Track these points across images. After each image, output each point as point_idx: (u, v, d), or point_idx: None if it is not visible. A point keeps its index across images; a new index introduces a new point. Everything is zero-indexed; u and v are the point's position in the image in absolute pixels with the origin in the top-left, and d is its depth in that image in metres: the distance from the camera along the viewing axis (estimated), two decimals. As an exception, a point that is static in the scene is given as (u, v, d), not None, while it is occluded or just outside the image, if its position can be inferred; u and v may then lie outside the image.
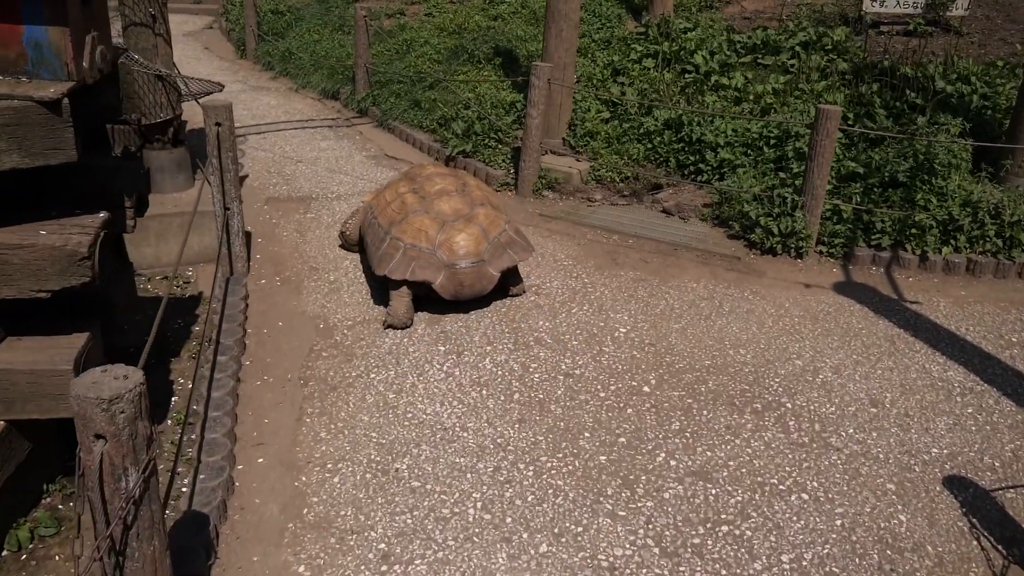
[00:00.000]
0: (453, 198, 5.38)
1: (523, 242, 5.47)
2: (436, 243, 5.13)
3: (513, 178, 7.77)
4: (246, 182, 7.71)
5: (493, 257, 5.21)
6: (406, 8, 13.10)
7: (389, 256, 5.17)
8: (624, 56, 9.56)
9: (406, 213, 5.33)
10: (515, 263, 5.33)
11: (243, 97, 10.59)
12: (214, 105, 5.33)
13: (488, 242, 5.23)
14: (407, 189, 5.58)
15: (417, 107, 9.33)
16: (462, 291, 5.15)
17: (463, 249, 5.11)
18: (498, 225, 5.37)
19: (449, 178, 5.64)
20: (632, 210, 7.38)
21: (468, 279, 5.12)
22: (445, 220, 5.23)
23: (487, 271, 5.18)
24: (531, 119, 7.34)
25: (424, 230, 5.19)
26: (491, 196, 5.77)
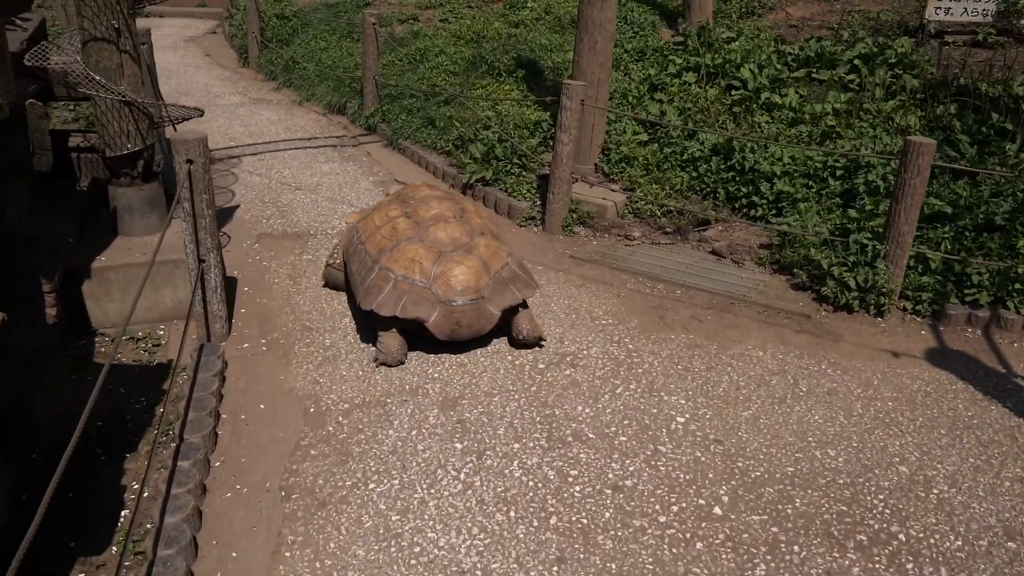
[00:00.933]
0: (451, 225, 4.84)
1: (527, 277, 4.93)
2: (431, 276, 4.61)
3: (539, 211, 6.82)
4: (236, 213, 6.79)
5: (494, 294, 4.68)
6: (420, 13, 12.17)
7: (377, 288, 4.62)
8: (661, 69, 8.59)
9: (398, 240, 4.78)
10: (518, 301, 4.76)
11: (241, 112, 9.69)
12: (185, 139, 4.40)
13: (489, 277, 4.70)
14: (399, 213, 5.02)
15: (431, 125, 8.39)
16: (459, 331, 4.61)
17: (461, 284, 4.58)
18: (500, 258, 4.83)
19: (446, 202, 5.09)
20: (677, 251, 6.40)
21: (466, 318, 4.58)
22: (442, 250, 4.71)
23: (487, 309, 4.63)
24: (561, 145, 6.38)
25: (418, 261, 4.65)
26: (491, 224, 5.22)
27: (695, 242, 6.56)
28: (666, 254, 6.34)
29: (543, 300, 5.51)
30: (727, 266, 6.16)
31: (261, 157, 8.16)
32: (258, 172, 7.74)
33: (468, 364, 4.70)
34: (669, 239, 6.64)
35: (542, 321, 5.22)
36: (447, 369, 4.64)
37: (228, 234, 6.41)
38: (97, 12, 4.67)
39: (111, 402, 4.31)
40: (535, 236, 6.63)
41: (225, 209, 6.86)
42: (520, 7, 11.36)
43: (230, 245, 6.23)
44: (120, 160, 5.08)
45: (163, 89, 10.13)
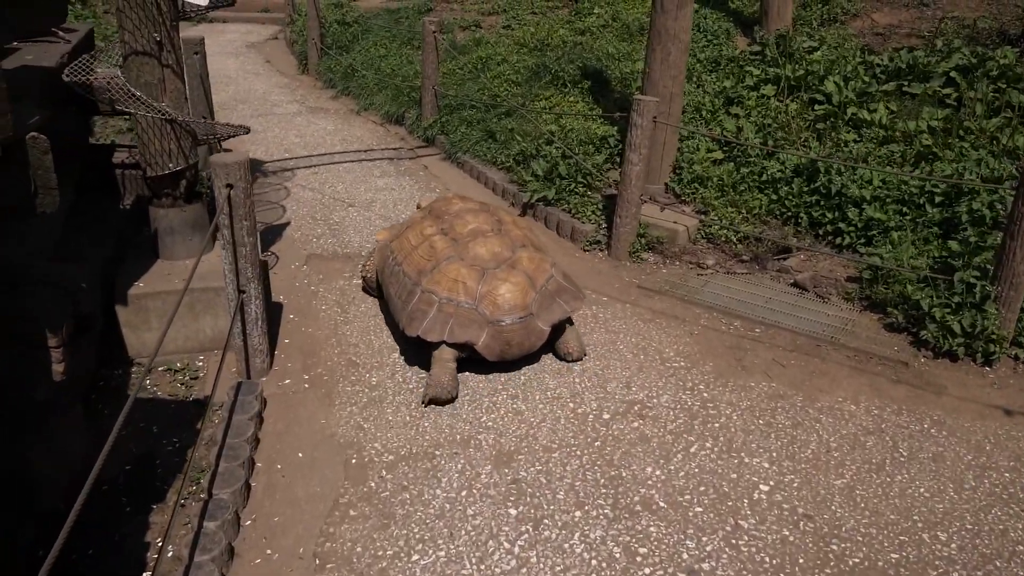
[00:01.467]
0: (490, 240, 4.66)
1: (573, 288, 4.73)
2: (477, 296, 4.43)
3: (605, 235, 6.35)
4: (286, 231, 6.48)
5: (542, 309, 4.51)
6: (482, 19, 11.79)
7: (422, 313, 4.44)
8: (737, 81, 8.05)
9: (437, 260, 4.60)
10: (567, 315, 4.59)
11: (298, 121, 9.42)
12: (224, 161, 4.07)
13: (536, 291, 4.53)
14: (435, 230, 4.84)
15: (491, 139, 7.99)
16: (509, 351, 4.44)
17: (509, 302, 4.42)
18: (544, 270, 4.65)
19: (482, 215, 4.89)
20: (754, 282, 5.88)
21: (516, 336, 4.41)
22: (484, 267, 4.52)
23: (536, 326, 4.47)
24: (631, 166, 5.91)
25: (461, 281, 4.46)
26: (531, 235, 5.00)
27: (774, 272, 6.03)
28: (743, 285, 5.82)
29: (608, 337, 5.06)
30: (811, 301, 5.62)
31: (315, 170, 7.86)
32: (311, 186, 7.43)
33: (525, 412, 4.27)
34: (746, 268, 6.11)
35: (607, 362, 4.77)
36: (502, 417, 4.22)
37: (276, 254, 6.10)
38: (138, 24, 4.38)
39: (142, 442, 4.01)
40: (600, 262, 6.17)
41: (275, 226, 6.56)
42: (586, 14, 10.91)
43: (278, 266, 5.92)
44: (161, 180, 4.78)
45: (221, 97, 9.96)
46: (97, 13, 12.64)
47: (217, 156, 4.12)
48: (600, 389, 4.49)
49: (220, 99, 10.12)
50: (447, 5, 13.14)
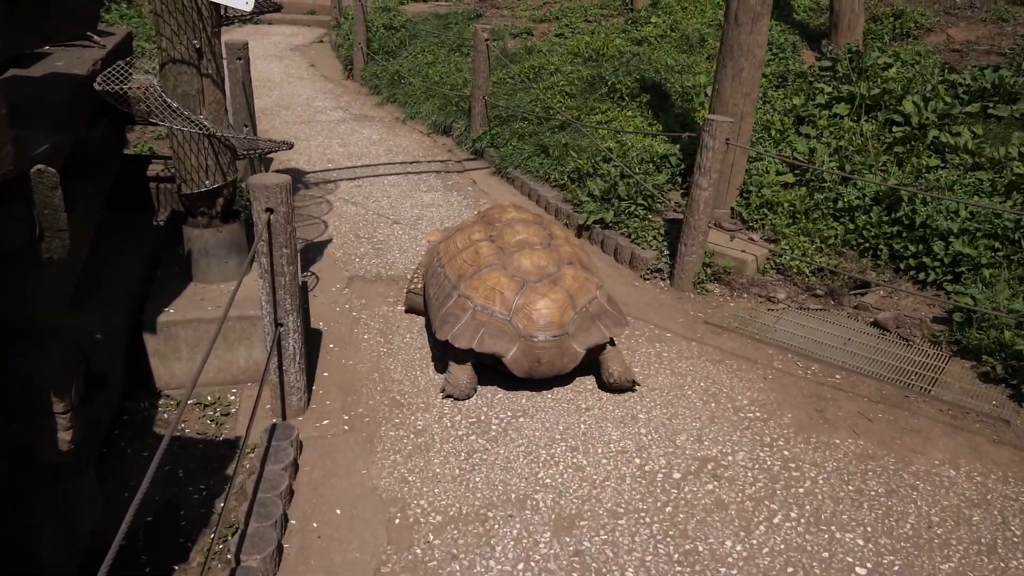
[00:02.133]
0: (536, 253, 4.50)
1: (616, 313, 4.52)
2: (512, 308, 4.28)
3: (667, 263, 5.92)
4: (328, 249, 6.14)
5: (579, 330, 4.31)
6: (534, 27, 11.41)
7: (454, 317, 4.34)
8: (807, 99, 7.57)
9: (479, 266, 4.48)
10: (605, 339, 4.38)
11: (341, 129, 9.10)
12: (264, 183, 3.71)
13: (575, 311, 4.33)
14: (483, 236, 4.71)
15: (544, 153, 7.59)
16: (538, 368, 4.28)
17: (545, 318, 4.23)
18: (588, 291, 4.45)
19: (533, 227, 4.73)
20: (830, 320, 5.41)
21: (547, 355, 4.24)
22: (525, 280, 4.37)
23: (571, 347, 4.27)
24: (699, 191, 5.47)
25: (499, 290, 4.33)
26: (581, 253, 4.81)
27: (851, 309, 5.56)
28: (818, 323, 5.35)
29: (675, 380, 4.63)
30: (893, 343, 5.13)
31: (359, 183, 7.51)
32: (355, 200, 7.09)
33: (587, 467, 3.86)
34: (820, 304, 5.64)
35: (674, 410, 4.34)
36: (561, 473, 3.81)
37: (317, 275, 5.75)
38: (176, 30, 4.04)
39: (167, 489, 3.66)
40: (662, 293, 5.73)
41: (316, 244, 6.22)
42: (643, 23, 10.47)
43: (318, 288, 5.57)
44: (197, 198, 4.45)
45: (264, 102, 9.68)
46: (142, 13, 12.47)
47: (257, 177, 3.77)
48: (668, 442, 4.06)
49: (263, 104, 9.85)
50: (497, 11, 12.79)
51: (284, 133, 8.81)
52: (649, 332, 5.17)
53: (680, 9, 10.66)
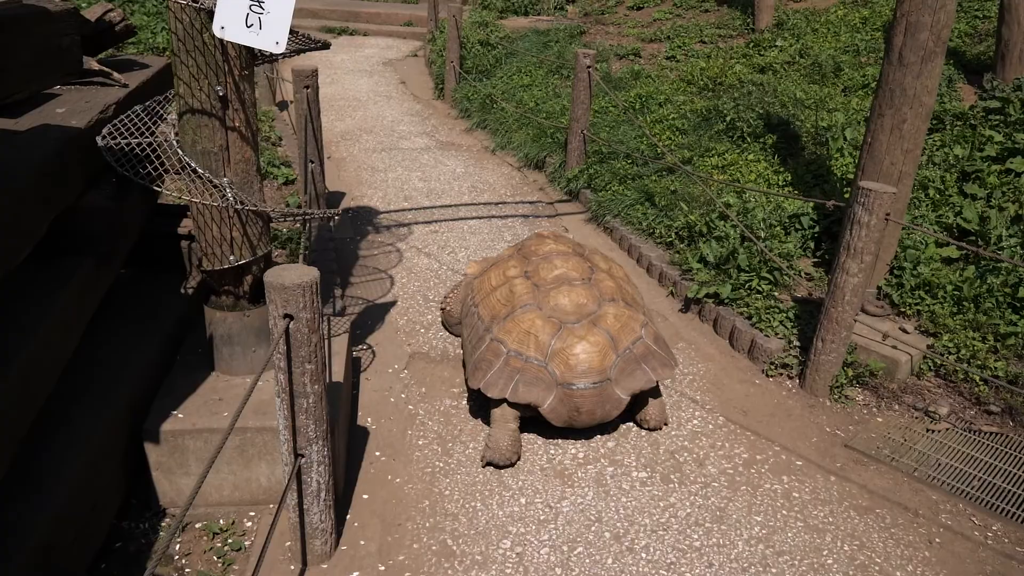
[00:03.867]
0: (575, 290, 4.15)
1: (663, 354, 4.14)
2: (548, 353, 3.96)
3: (796, 357, 4.80)
4: (390, 314, 5.26)
5: (623, 375, 3.98)
6: (642, 47, 10.35)
7: (487, 363, 4.03)
8: (971, 149, 6.28)
9: (513, 306, 4.17)
10: (651, 384, 4.03)
11: (424, 159, 8.25)
12: (283, 284, 2.82)
13: (617, 354, 4.00)
14: (518, 272, 4.40)
15: (649, 202, 6.54)
16: (578, 418, 3.94)
17: (584, 364, 3.91)
18: (632, 331, 4.09)
19: (572, 259, 4.39)
20: (1011, 448, 4.20)
21: (587, 403, 3.90)
22: (563, 321, 4.04)
23: (613, 394, 3.94)
24: (846, 276, 4.35)
25: (534, 333, 4.01)
26: (625, 285, 4.43)
27: (1038, 434, 4.33)
28: (994, 455, 4.16)
29: (810, 539, 3.53)
30: (1105, 495, 3.90)
31: (435, 227, 6.63)
32: (428, 250, 6.20)
33: None
34: (996, 424, 4.43)
35: (812, 591, 3.26)
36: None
37: (373, 349, 4.88)
38: (196, 74, 3.21)
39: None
40: (789, 397, 4.62)
41: (378, 306, 5.35)
42: (767, 46, 9.29)
43: (372, 367, 4.69)
44: (221, 275, 3.62)
45: (346, 124, 8.96)
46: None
47: (274, 273, 2.88)
48: (805, 649, 2.99)
49: (344, 127, 9.12)
50: (602, 28, 11.79)
51: (362, 162, 8.02)
52: (774, 457, 4.08)
53: (810, 31, 9.43)
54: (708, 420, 4.35)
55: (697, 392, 4.61)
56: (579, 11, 13.17)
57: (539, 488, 3.76)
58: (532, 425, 4.09)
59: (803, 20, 9.84)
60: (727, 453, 4.08)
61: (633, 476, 3.87)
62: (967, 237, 5.50)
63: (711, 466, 3.97)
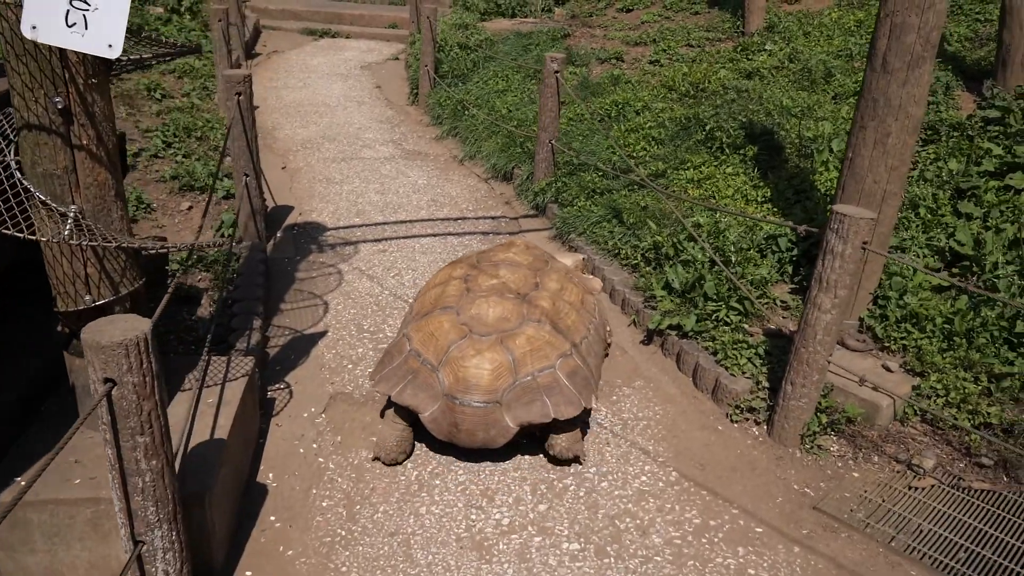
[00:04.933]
0: (503, 303, 3.93)
1: (573, 390, 3.73)
2: (443, 359, 3.74)
3: (765, 400, 4.27)
4: (317, 347, 4.75)
5: (515, 402, 3.65)
6: (626, 51, 9.82)
7: (390, 358, 3.95)
8: (967, 163, 5.74)
9: (435, 306, 4.04)
10: (547, 419, 3.65)
11: (385, 170, 7.74)
12: (99, 343, 2.31)
13: (516, 379, 3.69)
14: (462, 274, 4.26)
15: (617, 219, 6.01)
16: (457, 436, 3.68)
17: (473, 379, 3.65)
18: (543, 357, 3.77)
19: (520, 272, 4.22)
20: (1005, 510, 3.66)
21: (468, 422, 3.62)
22: (472, 331, 3.82)
23: (501, 419, 3.63)
24: (819, 312, 3.81)
25: (437, 337, 3.83)
26: (569, 311, 4.10)
27: (1038, 493, 3.79)
28: (985, 519, 3.61)
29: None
30: (1113, 572, 3.35)
31: (384, 246, 6.11)
32: (372, 272, 5.68)
33: None
34: (988, 480, 3.89)
35: None
36: None
37: (291, 388, 4.36)
38: (30, 83, 2.69)
39: None
40: (755, 447, 4.08)
41: (306, 337, 4.84)
42: (755, 50, 8.74)
43: (288, 409, 4.18)
44: (78, 316, 3.10)
45: (308, 132, 8.49)
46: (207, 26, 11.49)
47: (93, 329, 2.37)
48: None
49: (307, 134, 8.62)
50: (588, 30, 11.27)
51: (318, 172, 7.51)
52: (731, 523, 3.54)
53: (801, 34, 8.88)
54: (659, 476, 3.82)
55: (650, 441, 4.07)
56: (566, 13, 12.65)
57: (451, 564, 3.24)
58: (453, 454, 3.77)
59: (795, 23, 9.30)
60: (676, 518, 3.55)
61: (563, 549, 3.34)
62: (961, 262, 4.96)
63: (656, 535, 3.44)
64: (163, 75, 9.29)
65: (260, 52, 12.77)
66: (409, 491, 3.65)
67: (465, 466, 3.82)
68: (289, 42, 13.63)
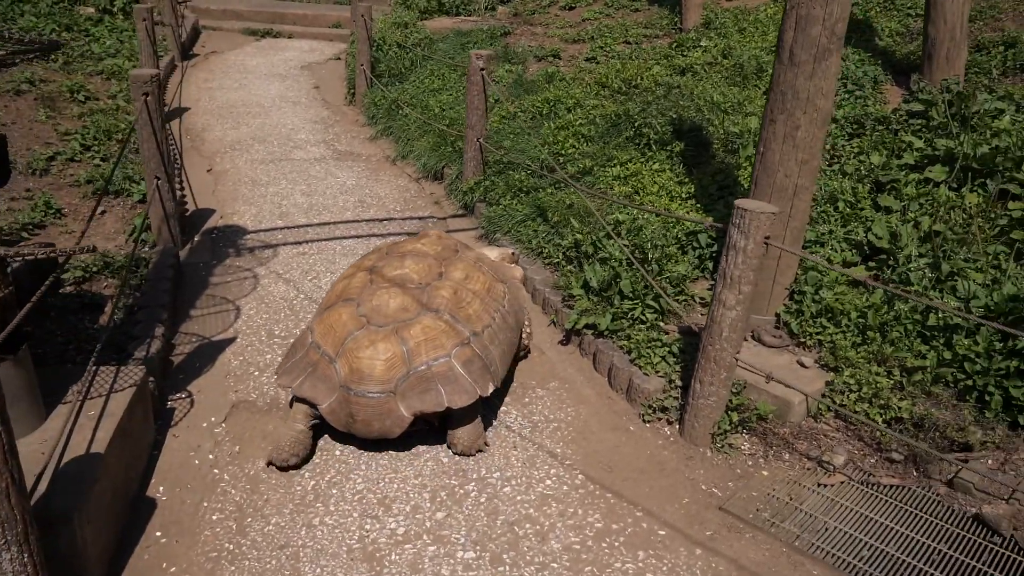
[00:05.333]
0: (403, 294, 3.94)
1: (468, 379, 3.75)
2: (339, 351, 3.76)
3: (677, 399, 4.20)
4: (224, 354, 4.61)
5: (410, 391, 3.68)
6: (564, 48, 9.75)
7: (293, 351, 4.00)
8: (890, 156, 5.74)
9: (339, 298, 4.05)
10: (440, 408, 3.68)
11: (314, 171, 7.58)
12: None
13: (409, 369, 3.71)
14: (369, 264, 4.26)
15: (542, 217, 5.93)
16: (353, 426, 3.70)
17: (366, 369, 3.67)
18: (439, 347, 3.78)
19: (426, 262, 4.19)
20: (912, 506, 3.63)
21: (363, 412, 3.65)
22: (370, 322, 3.83)
23: (395, 409, 3.65)
24: (724, 310, 3.75)
25: (336, 329, 3.85)
26: (472, 301, 4.05)
27: (944, 484, 3.77)
28: (892, 515, 3.58)
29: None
30: (1010, 560, 3.32)
31: (305, 249, 5.97)
32: (289, 276, 5.54)
33: None
34: (897, 475, 3.87)
35: None
36: None
37: (193, 396, 4.21)
38: None
39: None
40: (665, 447, 4.02)
41: (213, 344, 4.69)
42: (690, 47, 8.72)
43: (188, 418, 4.03)
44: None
45: (239, 134, 8.31)
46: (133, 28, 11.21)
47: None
48: None
49: (237, 136, 8.43)
50: (529, 28, 11.19)
51: (244, 175, 7.34)
52: (633, 526, 3.46)
53: (736, 31, 8.88)
54: (564, 479, 3.73)
55: (559, 444, 3.99)
56: (510, 11, 12.56)
57: (338, 578, 3.12)
58: (354, 460, 3.66)
59: (731, 19, 9.30)
60: (578, 522, 3.47)
61: (457, 558, 3.24)
62: (878, 255, 4.94)
63: (555, 541, 3.35)
64: (89, 77, 9.03)
65: (198, 53, 12.51)
66: (304, 501, 3.52)
67: (364, 474, 3.70)
68: (229, 42, 13.38)
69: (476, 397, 3.72)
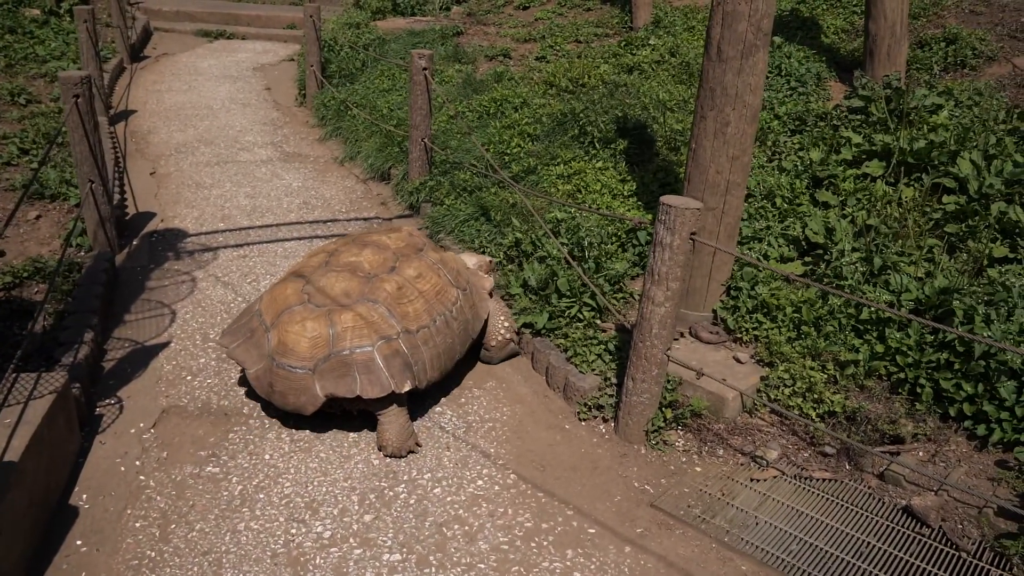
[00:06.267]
0: (351, 280, 4.05)
1: (385, 373, 3.78)
2: (274, 322, 3.94)
3: (612, 397, 4.20)
4: (157, 359, 4.53)
5: (329, 373, 3.79)
6: (515, 48, 9.74)
7: (240, 316, 4.25)
8: (829, 152, 5.79)
9: (292, 274, 4.22)
10: (352, 394, 3.75)
11: (260, 173, 7.49)
12: None
13: (331, 351, 3.82)
14: (332, 248, 4.38)
15: (485, 217, 5.90)
16: (272, 396, 3.87)
17: (291, 344, 3.83)
18: (364, 336, 3.85)
19: (382, 254, 4.24)
20: (843, 499, 3.66)
21: (281, 384, 3.82)
22: (309, 299, 3.98)
23: (310, 387, 3.78)
24: (653, 306, 3.75)
25: (277, 300, 4.03)
26: (415, 300, 4.07)
27: (875, 477, 3.80)
28: (823, 508, 3.61)
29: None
30: (935, 552, 3.36)
31: (246, 251, 5.88)
32: (228, 279, 5.46)
33: None
34: (829, 468, 3.89)
35: None
36: None
37: (123, 402, 4.13)
38: None
39: None
40: (599, 445, 4.01)
41: (146, 348, 4.61)
42: (639, 45, 8.74)
43: (113, 428, 3.95)
44: None
45: (185, 136, 8.20)
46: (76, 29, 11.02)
47: None
48: None
49: (183, 138, 8.31)
50: (481, 28, 11.16)
51: (188, 177, 7.23)
52: (563, 525, 3.45)
53: (685, 29, 8.92)
54: (496, 479, 3.71)
55: (493, 443, 3.96)
56: (464, 11, 12.52)
57: (259, 584, 3.07)
58: (282, 463, 3.44)
59: (680, 17, 9.34)
60: (508, 522, 3.44)
61: (383, 560, 3.20)
62: (815, 251, 4.98)
63: (483, 541, 3.33)
64: (31, 80, 8.86)
65: (149, 55, 12.32)
66: (230, 507, 3.46)
67: (293, 478, 3.65)
68: (181, 44, 13.20)
69: (389, 391, 3.75)
